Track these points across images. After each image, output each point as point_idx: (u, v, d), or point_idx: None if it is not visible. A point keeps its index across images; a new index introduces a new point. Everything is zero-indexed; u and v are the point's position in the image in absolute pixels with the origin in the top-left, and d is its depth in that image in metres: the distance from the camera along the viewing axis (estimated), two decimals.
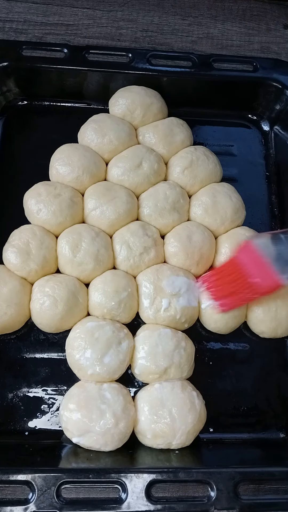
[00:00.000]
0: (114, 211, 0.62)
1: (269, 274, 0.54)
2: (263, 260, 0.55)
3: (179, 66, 0.70)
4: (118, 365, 0.55)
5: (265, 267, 0.54)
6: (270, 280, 0.55)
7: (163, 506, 0.46)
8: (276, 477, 0.50)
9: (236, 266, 0.57)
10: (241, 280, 0.56)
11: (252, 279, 0.55)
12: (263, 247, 0.56)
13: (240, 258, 0.57)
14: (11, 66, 0.67)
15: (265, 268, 0.54)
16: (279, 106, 0.72)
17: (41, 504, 0.45)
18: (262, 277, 0.55)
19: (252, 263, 0.55)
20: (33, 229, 0.60)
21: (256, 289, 0.55)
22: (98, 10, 0.81)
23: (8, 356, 0.58)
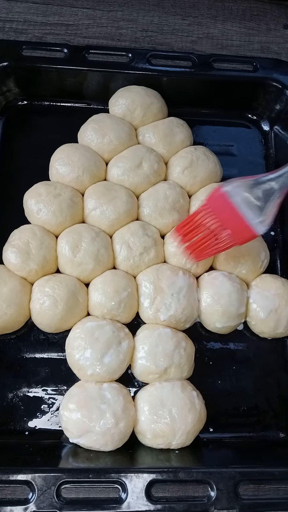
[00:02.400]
0: (114, 211, 0.62)
1: (241, 223, 0.51)
2: (234, 207, 0.51)
3: (179, 66, 0.70)
4: (118, 365, 0.55)
5: (237, 215, 0.51)
6: (242, 229, 0.51)
7: (163, 506, 0.46)
8: (276, 477, 0.50)
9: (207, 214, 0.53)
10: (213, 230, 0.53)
11: (224, 228, 0.52)
12: (234, 194, 0.51)
13: (210, 205, 0.53)
14: (11, 66, 0.67)
15: (236, 216, 0.51)
16: (279, 106, 0.72)
17: (41, 504, 0.45)
18: (234, 226, 0.51)
19: (224, 211, 0.52)
20: (33, 229, 0.60)
21: (229, 238, 0.52)
22: (98, 10, 0.81)
23: (8, 356, 0.58)
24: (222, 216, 0.52)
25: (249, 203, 0.51)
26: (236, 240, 0.52)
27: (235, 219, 0.51)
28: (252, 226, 0.51)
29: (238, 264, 0.62)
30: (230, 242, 0.53)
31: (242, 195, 0.51)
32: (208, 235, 0.53)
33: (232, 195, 0.51)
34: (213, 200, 0.53)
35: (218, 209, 0.52)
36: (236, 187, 0.52)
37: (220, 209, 0.52)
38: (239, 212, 0.51)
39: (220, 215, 0.52)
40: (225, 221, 0.52)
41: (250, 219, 0.51)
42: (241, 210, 0.51)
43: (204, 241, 0.54)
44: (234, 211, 0.51)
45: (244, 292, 0.61)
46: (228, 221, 0.51)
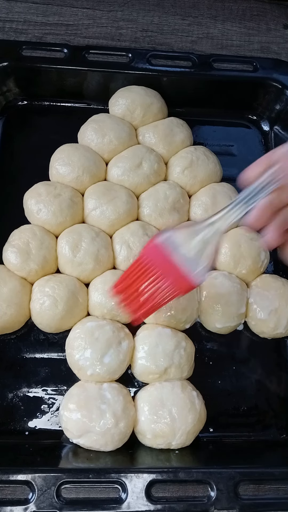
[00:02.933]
0: (114, 211, 0.62)
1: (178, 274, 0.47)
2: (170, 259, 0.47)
3: (179, 66, 0.70)
4: (118, 365, 0.55)
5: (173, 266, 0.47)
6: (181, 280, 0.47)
7: (163, 506, 0.46)
8: (276, 477, 0.50)
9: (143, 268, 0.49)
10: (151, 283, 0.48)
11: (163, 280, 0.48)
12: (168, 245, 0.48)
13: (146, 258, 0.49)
14: (11, 66, 0.67)
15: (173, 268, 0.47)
16: (279, 106, 0.72)
17: (41, 504, 0.45)
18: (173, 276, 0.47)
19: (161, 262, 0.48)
20: (33, 229, 0.60)
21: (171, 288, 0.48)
22: (98, 10, 0.81)
23: (8, 356, 0.58)
24: (160, 267, 0.48)
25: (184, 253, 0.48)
26: (178, 290, 0.49)
27: (172, 270, 0.47)
28: (189, 276, 0.47)
29: (238, 264, 0.62)
30: (173, 292, 0.49)
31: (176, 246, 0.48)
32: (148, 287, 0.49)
33: (166, 246, 0.48)
34: (148, 252, 0.49)
35: (155, 260, 0.48)
36: (169, 238, 0.48)
37: (157, 260, 0.48)
38: (174, 263, 0.47)
39: (158, 266, 0.48)
40: (164, 272, 0.48)
41: (187, 269, 0.47)
42: (176, 260, 0.47)
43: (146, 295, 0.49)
44: (170, 262, 0.47)
45: (244, 292, 0.61)
46: (166, 272, 0.48)
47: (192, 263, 0.47)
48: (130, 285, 0.50)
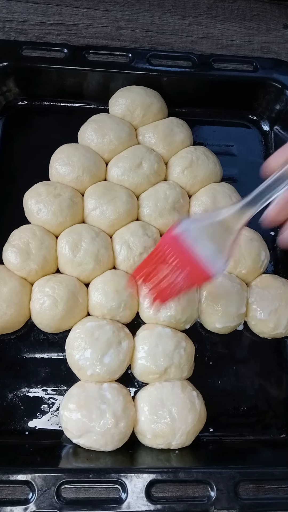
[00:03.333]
0: (114, 211, 0.62)
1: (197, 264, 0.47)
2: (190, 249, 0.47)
3: (179, 66, 0.70)
4: (118, 365, 0.55)
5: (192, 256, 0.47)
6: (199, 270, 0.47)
7: (163, 506, 0.46)
8: (276, 477, 0.50)
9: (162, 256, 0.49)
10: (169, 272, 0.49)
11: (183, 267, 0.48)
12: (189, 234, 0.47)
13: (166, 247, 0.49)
14: (11, 66, 0.67)
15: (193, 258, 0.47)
16: (279, 106, 0.72)
17: (41, 504, 0.45)
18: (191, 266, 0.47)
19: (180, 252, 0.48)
20: (33, 229, 0.60)
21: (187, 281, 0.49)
22: (98, 10, 0.81)
23: (8, 356, 0.58)
24: (179, 257, 0.48)
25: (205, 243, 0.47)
26: (196, 281, 0.49)
27: (191, 260, 0.47)
28: (208, 267, 0.47)
29: (238, 264, 0.62)
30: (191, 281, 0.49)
31: (196, 236, 0.47)
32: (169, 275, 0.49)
33: (186, 236, 0.47)
34: (168, 241, 0.49)
35: (175, 250, 0.48)
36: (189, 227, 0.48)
37: (177, 250, 0.48)
38: (194, 253, 0.47)
39: (177, 255, 0.48)
40: (183, 261, 0.48)
41: (206, 260, 0.47)
42: (196, 251, 0.47)
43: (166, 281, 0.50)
44: (189, 253, 0.47)
45: (244, 292, 0.61)
46: (185, 261, 0.48)
47: (210, 254, 0.47)
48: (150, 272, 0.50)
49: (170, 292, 0.50)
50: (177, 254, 0.48)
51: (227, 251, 0.47)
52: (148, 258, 0.51)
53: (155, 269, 0.50)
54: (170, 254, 0.48)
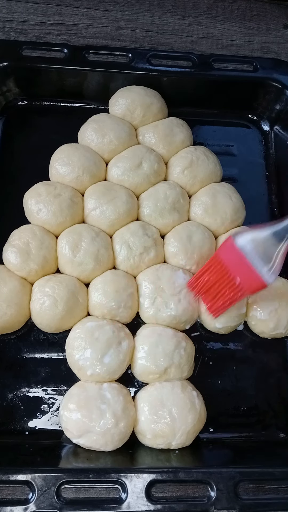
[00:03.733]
0: (114, 211, 0.62)
1: (250, 273, 0.52)
2: (244, 258, 0.52)
3: (179, 66, 0.70)
4: (118, 365, 0.55)
5: (246, 265, 0.52)
6: (252, 279, 0.52)
7: (163, 506, 0.46)
8: (276, 477, 0.50)
9: (218, 266, 0.55)
10: (224, 280, 0.54)
11: (234, 279, 0.53)
12: (245, 244, 0.53)
13: (221, 257, 0.55)
14: (11, 66, 0.67)
15: (246, 267, 0.52)
16: (279, 106, 0.72)
17: (41, 504, 0.45)
18: (244, 276, 0.53)
19: (234, 261, 0.53)
20: (33, 229, 0.60)
21: (240, 289, 0.54)
22: (98, 10, 0.81)
23: (8, 356, 0.58)
24: (233, 267, 0.53)
25: (258, 252, 0.52)
26: (247, 290, 0.54)
27: (245, 269, 0.52)
28: (261, 275, 0.52)
29: None
30: (242, 291, 0.54)
31: (251, 245, 0.52)
32: (221, 286, 0.55)
33: (242, 246, 0.53)
34: (224, 250, 0.54)
35: (229, 259, 0.54)
36: (246, 237, 0.53)
37: (231, 260, 0.53)
38: (248, 262, 0.52)
39: (231, 265, 0.53)
40: (236, 271, 0.53)
41: (260, 269, 0.52)
42: (250, 260, 0.52)
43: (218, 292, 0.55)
44: (244, 261, 0.52)
45: None
46: (238, 271, 0.53)
47: (264, 263, 0.52)
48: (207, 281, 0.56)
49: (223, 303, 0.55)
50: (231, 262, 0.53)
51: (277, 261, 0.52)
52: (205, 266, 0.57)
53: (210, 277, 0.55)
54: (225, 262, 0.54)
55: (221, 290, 0.55)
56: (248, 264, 0.52)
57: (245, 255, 0.52)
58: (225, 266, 0.54)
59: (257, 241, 0.52)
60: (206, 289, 0.57)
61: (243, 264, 0.52)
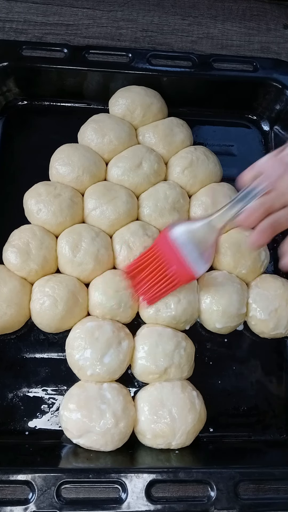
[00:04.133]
0: (114, 211, 0.62)
1: (182, 264, 0.54)
2: (178, 248, 0.54)
3: (179, 66, 0.70)
4: (118, 365, 0.55)
5: (179, 256, 0.53)
6: (183, 270, 0.54)
7: (163, 506, 0.46)
8: (276, 477, 0.50)
9: (155, 255, 0.56)
10: (159, 270, 0.55)
11: (169, 268, 0.55)
12: (180, 234, 0.54)
13: (158, 247, 0.56)
14: (11, 66, 0.67)
15: (179, 257, 0.54)
16: (279, 106, 0.72)
17: (41, 504, 0.45)
18: (177, 267, 0.54)
19: (169, 252, 0.54)
20: (33, 229, 0.60)
21: (174, 279, 0.55)
22: (98, 10, 0.81)
23: (8, 356, 0.58)
24: (168, 257, 0.55)
25: (192, 244, 0.53)
26: (180, 280, 0.55)
27: (178, 260, 0.54)
28: (192, 267, 0.54)
29: (238, 264, 0.62)
30: (176, 281, 0.55)
31: (186, 237, 0.54)
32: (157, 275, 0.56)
33: (177, 237, 0.54)
34: (159, 241, 0.56)
35: (165, 250, 0.55)
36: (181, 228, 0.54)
37: (167, 250, 0.54)
38: (181, 253, 0.53)
39: (166, 255, 0.55)
40: (171, 261, 0.54)
41: (192, 260, 0.53)
42: (183, 251, 0.53)
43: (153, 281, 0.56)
44: (178, 252, 0.53)
45: (244, 292, 0.61)
46: (173, 261, 0.54)
47: (194, 256, 0.53)
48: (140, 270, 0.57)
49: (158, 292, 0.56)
50: (165, 253, 0.54)
51: (207, 255, 0.54)
52: (141, 255, 0.58)
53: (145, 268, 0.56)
54: (159, 253, 0.55)
55: (157, 279, 0.56)
56: (180, 255, 0.53)
57: (179, 246, 0.54)
58: (161, 256, 0.55)
59: (191, 232, 0.54)
60: (142, 277, 0.57)
61: (176, 254, 0.54)
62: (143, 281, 0.57)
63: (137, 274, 0.58)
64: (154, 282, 0.56)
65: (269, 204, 0.49)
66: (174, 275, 0.54)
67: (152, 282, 0.56)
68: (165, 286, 0.55)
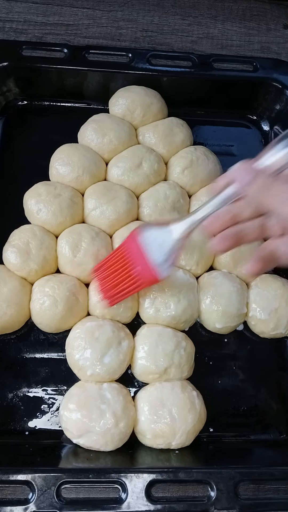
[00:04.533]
0: (114, 211, 0.62)
1: (147, 266, 0.52)
2: (144, 250, 0.53)
3: (179, 66, 0.70)
4: (118, 365, 0.55)
5: (145, 258, 0.52)
6: (148, 273, 0.53)
7: (163, 506, 0.46)
8: (276, 477, 0.50)
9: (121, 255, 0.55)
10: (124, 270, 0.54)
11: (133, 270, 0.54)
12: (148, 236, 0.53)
13: (125, 247, 0.55)
14: (11, 66, 0.67)
15: (145, 259, 0.52)
16: (279, 106, 0.72)
17: (41, 504, 0.45)
18: (142, 268, 0.53)
19: (136, 253, 0.53)
20: (33, 229, 0.60)
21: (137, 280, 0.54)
22: (98, 10, 0.81)
23: (8, 356, 0.58)
24: (134, 258, 0.54)
25: (159, 247, 0.52)
26: (144, 283, 0.54)
27: (144, 262, 0.53)
28: (156, 270, 0.53)
29: (238, 263, 0.62)
30: (139, 283, 0.54)
31: (153, 239, 0.53)
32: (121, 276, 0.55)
33: (145, 239, 0.53)
34: (127, 242, 0.55)
35: (132, 251, 0.54)
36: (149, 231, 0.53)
37: (134, 251, 0.54)
38: (147, 255, 0.53)
39: (132, 256, 0.54)
40: (136, 263, 0.53)
41: (157, 263, 0.52)
42: (150, 253, 0.53)
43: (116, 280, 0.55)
44: (144, 254, 0.53)
45: (244, 292, 0.61)
46: (138, 263, 0.53)
47: (160, 259, 0.52)
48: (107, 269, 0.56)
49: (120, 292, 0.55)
50: (132, 254, 0.54)
51: (173, 258, 0.53)
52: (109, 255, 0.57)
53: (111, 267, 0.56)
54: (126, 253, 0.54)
55: (120, 279, 0.55)
56: (146, 257, 0.53)
57: (146, 247, 0.53)
58: (127, 256, 0.54)
59: (159, 235, 0.53)
60: (106, 276, 0.56)
61: (142, 256, 0.53)
62: (107, 280, 0.56)
63: (103, 274, 0.57)
64: (117, 282, 0.55)
65: (237, 211, 0.48)
66: (137, 276, 0.53)
67: (115, 282, 0.55)
68: (127, 286, 0.54)
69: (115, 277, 0.55)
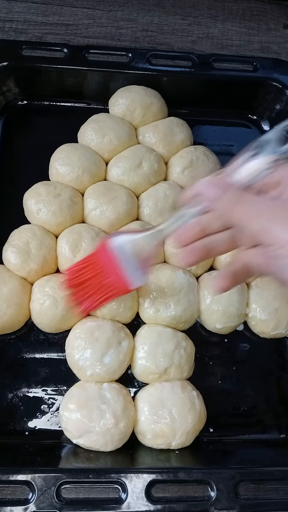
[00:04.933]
0: (114, 211, 0.62)
1: (119, 275, 0.52)
2: (116, 259, 0.52)
3: (179, 66, 0.70)
4: (118, 365, 0.55)
5: (117, 267, 0.52)
6: (120, 282, 0.52)
7: (163, 506, 0.46)
8: (276, 477, 0.50)
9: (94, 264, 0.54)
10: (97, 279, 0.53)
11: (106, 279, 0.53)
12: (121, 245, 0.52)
13: (98, 256, 0.53)
14: (11, 66, 0.67)
15: (117, 268, 0.52)
16: (279, 106, 0.72)
17: (41, 504, 0.45)
18: (114, 278, 0.52)
19: (108, 262, 0.52)
20: (33, 229, 0.60)
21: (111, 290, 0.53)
22: (98, 10, 0.81)
23: (8, 356, 0.58)
24: (107, 267, 0.53)
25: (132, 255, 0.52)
26: (117, 292, 0.53)
27: (116, 271, 0.52)
28: (128, 279, 0.52)
29: None
30: (112, 292, 0.53)
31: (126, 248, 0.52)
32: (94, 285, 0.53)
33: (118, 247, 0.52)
34: (98, 251, 0.54)
35: (104, 259, 0.53)
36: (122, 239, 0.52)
37: (106, 260, 0.53)
38: (119, 264, 0.52)
39: (105, 265, 0.53)
40: (109, 271, 0.53)
41: (129, 272, 0.52)
42: (122, 262, 0.52)
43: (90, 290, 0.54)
44: (116, 263, 0.52)
45: (244, 292, 0.61)
46: (111, 272, 0.52)
47: (132, 268, 0.52)
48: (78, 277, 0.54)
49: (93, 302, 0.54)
50: (103, 263, 0.52)
51: (144, 268, 0.52)
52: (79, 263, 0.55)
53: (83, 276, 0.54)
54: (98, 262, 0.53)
55: (93, 288, 0.54)
56: (118, 266, 0.52)
57: (119, 257, 0.52)
58: (100, 265, 0.53)
59: (132, 244, 0.52)
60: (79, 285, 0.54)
61: (115, 265, 0.52)
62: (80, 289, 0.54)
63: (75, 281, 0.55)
64: (91, 292, 0.54)
65: (206, 223, 0.47)
66: (110, 286, 0.53)
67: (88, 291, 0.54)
68: (100, 296, 0.54)
69: (88, 287, 0.54)
